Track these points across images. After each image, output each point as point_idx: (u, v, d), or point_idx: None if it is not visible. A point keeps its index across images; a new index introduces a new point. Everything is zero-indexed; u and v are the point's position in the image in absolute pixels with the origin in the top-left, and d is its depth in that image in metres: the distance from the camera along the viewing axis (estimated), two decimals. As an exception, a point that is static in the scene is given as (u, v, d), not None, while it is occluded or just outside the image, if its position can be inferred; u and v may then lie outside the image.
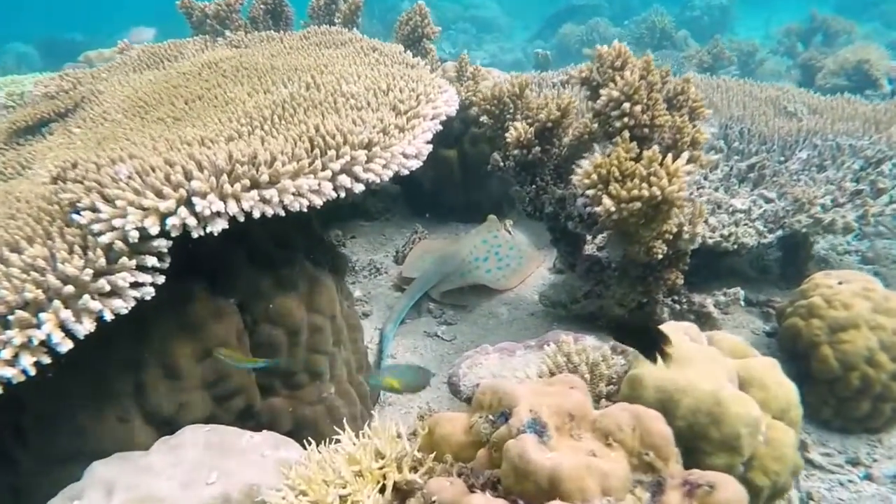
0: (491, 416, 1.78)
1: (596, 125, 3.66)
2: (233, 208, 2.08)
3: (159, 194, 2.04)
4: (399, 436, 1.89)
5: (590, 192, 2.93)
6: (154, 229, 1.98)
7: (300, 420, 2.73)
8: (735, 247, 3.83)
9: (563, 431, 1.73)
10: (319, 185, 2.33)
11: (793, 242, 4.25)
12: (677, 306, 3.78)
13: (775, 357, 2.70)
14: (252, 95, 3.21)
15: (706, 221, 3.72)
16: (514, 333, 4.12)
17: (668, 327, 2.48)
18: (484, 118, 3.98)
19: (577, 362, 2.45)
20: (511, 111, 3.91)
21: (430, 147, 2.85)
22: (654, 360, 2.16)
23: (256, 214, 2.15)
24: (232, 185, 2.11)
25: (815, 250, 4.73)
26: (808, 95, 5.62)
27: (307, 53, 3.98)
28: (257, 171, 2.18)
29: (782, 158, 4.78)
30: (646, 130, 3.13)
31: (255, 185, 2.18)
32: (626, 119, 3.05)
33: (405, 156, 2.66)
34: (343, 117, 2.72)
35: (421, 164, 2.75)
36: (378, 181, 2.50)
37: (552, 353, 2.55)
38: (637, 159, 2.98)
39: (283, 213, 2.22)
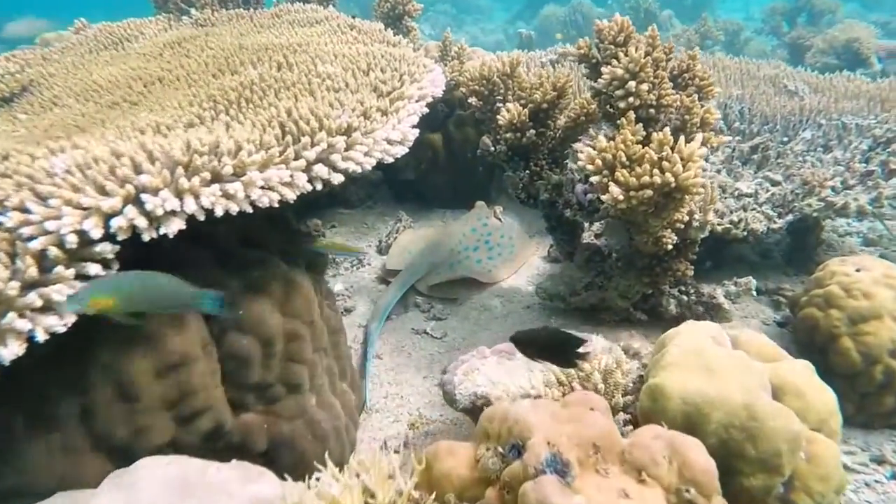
0: (500, 449, 1.50)
1: (594, 106, 3.38)
2: (190, 206, 1.77)
3: (102, 191, 1.73)
4: (392, 476, 1.60)
5: (594, 178, 2.65)
6: (96, 232, 1.68)
7: (277, 438, 2.44)
8: (745, 233, 3.58)
9: (586, 466, 1.47)
10: (292, 176, 2.03)
11: (802, 227, 4.00)
12: (685, 298, 3.53)
13: (789, 350, 2.47)
14: (217, 77, 2.90)
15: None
16: (510, 328, 3.84)
17: (691, 328, 2.22)
18: (472, 100, 3.68)
19: (588, 370, 2.18)
20: (501, 92, 3.61)
21: (417, 132, 2.56)
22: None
23: (219, 212, 1.85)
24: (189, 180, 1.80)
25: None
26: (807, 74, 5.38)
27: (279, 32, 3.65)
28: (219, 162, 1.88)
29: (785, 139, 4.54)
30: (652, 111, 2.85)
31: (216, 178, 1.88)
32: (631, 99, 2.76)
33: (389, 142, 2.36)
34: (319, 100, 2.42)
35: (407, 150, 2.46)
36: (359, 171, 2.20)
37: (559, 359, 2.28)
38: (645, 143, 2.70)
39: (250, 210, 1.92)
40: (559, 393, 2.15)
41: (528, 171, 3.62)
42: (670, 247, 2.94)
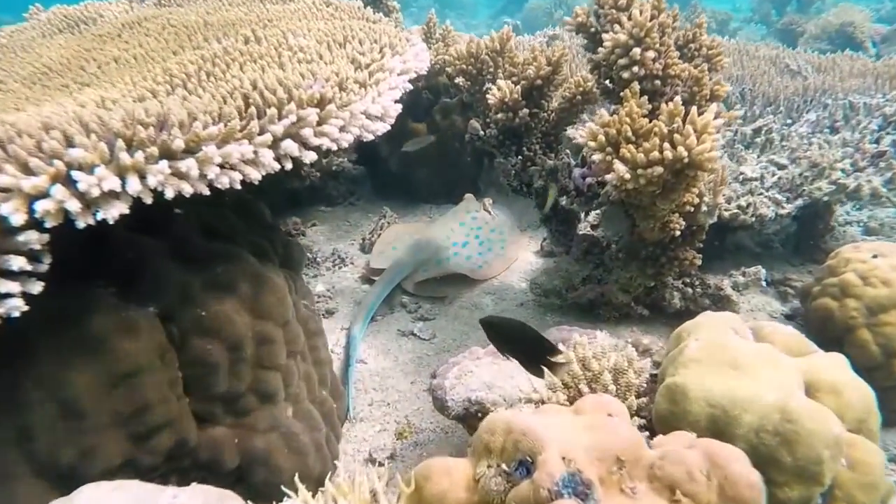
0: (505, 467, 1.25)
1: (591, 83, 3.14)
2: (134, 186, 1.50)
3: (25, 168, 1.46)
4: (375, 497, 1.33)
5: (596, 157, 2.40)
6: (17, 218, 1.40)
7: (250, 453, 2.17)
8: (753, 219, 3.34)
9: (609, 485, 1.21)
10: (256, 153, 1.76)
11: (809, 213, 3.77)
12: (689, 290, 3.29)
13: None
14: (178, 54, 2.62)
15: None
16: (502, 328, 3.59)
17: (711, 320, 1.97)
18: (459, 80, 3.42)
19: (597, 370, 1.93)
20: (491, 70, 3.36)
21: (399, 107, 2.30)
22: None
23: (170, 194, 1.58)
24: (132, 155, 1.53)
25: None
26: (808, 54, 5.17)
27: (248, 9, 3.38)
28: (169, 135, 1.60)
29: (789, 121, 4.31)
30: (657, 83, 2.61)
31: (166, 153, 1.60)
32: (635, 69, 2.52)
33: (368, 116, 2.10)
34: (289, 72, 2.15)
35: (388, 127, 2.20)
36: (334, 147, 1.94)
37: (563, 358, 2.02)
38: (652, 116, 2.46)
39: (206, 191, 1.65)
40: (565, 397, 1.90)
41: (520, 157, 3.37)
42: (678, 233, 2.70)
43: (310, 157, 1.90)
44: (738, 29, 11.45)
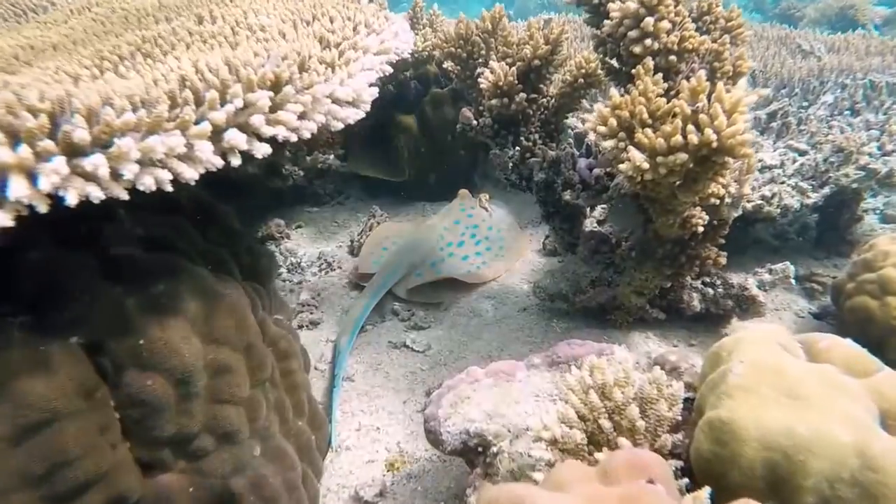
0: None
1: (594, 64, 2.79)
2: (17, 191, 1.16)
3: None
4: None
5: (607, 144, 2.05)
6: None
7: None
8: (778, 211, 3.00)
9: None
10: (191, 145, 1.41)
11: (834, 202, 3.42)
12: (710, 291, 2.95)
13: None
14: (121, 36, 2.28)
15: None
16: (505, 337, 3.26)
17: (755, 336, 1.63)
18: (448, 64, 3.07)
19: (620, 401, 1.58)
20: (483, 53, 3.01)
21: (375, 91, 1.95)
22: None
23: (72, 200, 1.23)
24: (15, 150, 1.18)
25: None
26: (818, 34, 4.82)
27: (211, -10, 3.03)
28: (70, 125, 1.26)
29: (805, 103, 3.97)
30: (672, 59, 2.26)
31: (68, 149, 1.26)
32: (648, 42, 2.17)
33: (335, 101, 1.75)
34: (240, 51, 1.80)
35: (361, 114, 1.85)
36: (293, 138, 1.60)
37: (578, 384, 1.68)
38: (668, 97, 2.12)
39: (123, 195, 1.31)
40: (582, 435, 1.56)
41: (518, 148, 3.02)
42: (701, 229, 2.36)
43: (262, 150, 1.55)
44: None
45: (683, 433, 1.57)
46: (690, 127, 1.87)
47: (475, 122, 3.06)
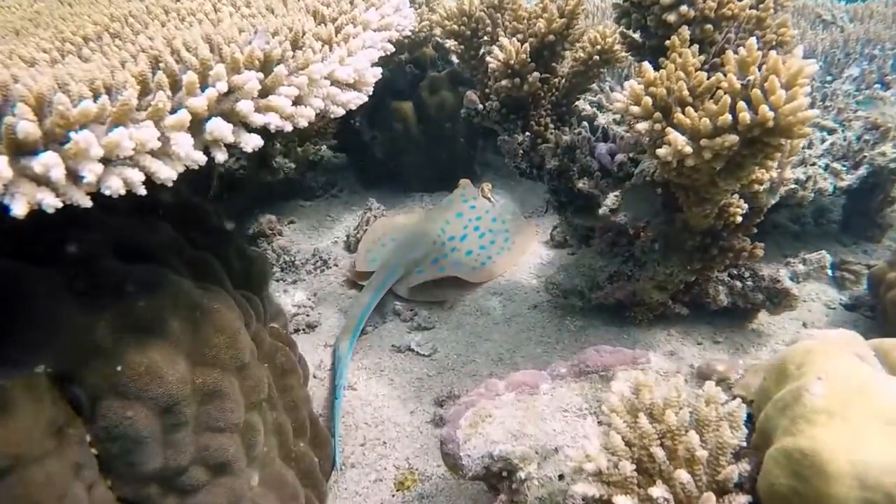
0: None
1: (611, 39, 2.56)
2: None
3: None
4: None
5: (641, 126, 1.83)
6: None
7: (201, 543, 1.62)
8: (812, 195, 2.79)
9: None
10: (168, 139, 1.18)
11: (869, 183, 3.21)
12: (738, 284, 2.74)
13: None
14: (88, 17, 2.03)
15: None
16: (516, 337, 3.04)
17: (826, 346, 1.41)
18: (450, 43, 2.83)
19: (674, 425, 1.36)
20: (488, 31, 2.76)
21: (378, 73, 1.71)
22: None
23: (19, 210, 1.00)
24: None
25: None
26: (836, 3, 4.60)
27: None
28: (14, 117, 1.02)
29: (829, 77, 3.75)
30: (708, 27, 2.03)
31: (11, 146, 1.02)
32: (683, 7, 1.94)
33: (335, 82, 1.52)
34: (223, 28, 1.56)
35: (364, 97, 1.62)
36: (287, 127, 1.36)
37: (623, 405, 1.46)
38: (704, 69, 1.89)
39: (86, 203, 1.07)
40: (632, 466, 1.34)
41: (528, 134, 2.79)
42: (739, 219, 2.14)
43: (252, 142, 1.32)
44: None
45: (749, 465, 1.35)
46: (741, 104, 1.64)
47: (481, 106, 2.83)
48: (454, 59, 3.85)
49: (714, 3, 1.95)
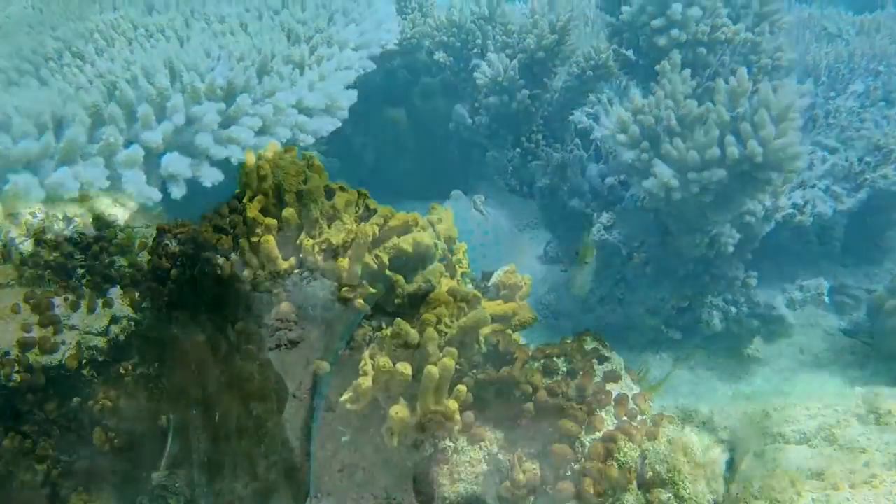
0: None
1: (605, 55, 2.48)
2: None
3: None
4: None
5: (628, 155, 1.75)
6: None
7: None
8: (811, 220, 2.71)
9: None
10: (120, 177, 1.10)
11: (872, 205, 3.12)
12: (732, 309, 2.66)
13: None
14: (56, 29, 1.95)
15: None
16: (503, 358, 2.96)
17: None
18: (439, 55, 2.75)
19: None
20: (479, 43, 2.69)
21: (353, 95, 1.64)
22: None
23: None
24: None
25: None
26: (843, 15, 4.50)
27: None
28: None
29: (833, 93, 3.66)
30: (701, 51, 1.95)
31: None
32: (675, 31, 1.86)
33: (304, 111, 1.44)
34: (189, 49, 1.48)
35: (337, 122, 1.55)
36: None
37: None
38: (697, 94, 1.82)
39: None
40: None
41: (519, 150, 2.71)
42: (731, 249, 2.07)
43: (212, 176, 1.24)
44: None
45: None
46: (730, 137, 1.56)
47: (469, 120, 2.75)
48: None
49: (707, 27, 1.87)
